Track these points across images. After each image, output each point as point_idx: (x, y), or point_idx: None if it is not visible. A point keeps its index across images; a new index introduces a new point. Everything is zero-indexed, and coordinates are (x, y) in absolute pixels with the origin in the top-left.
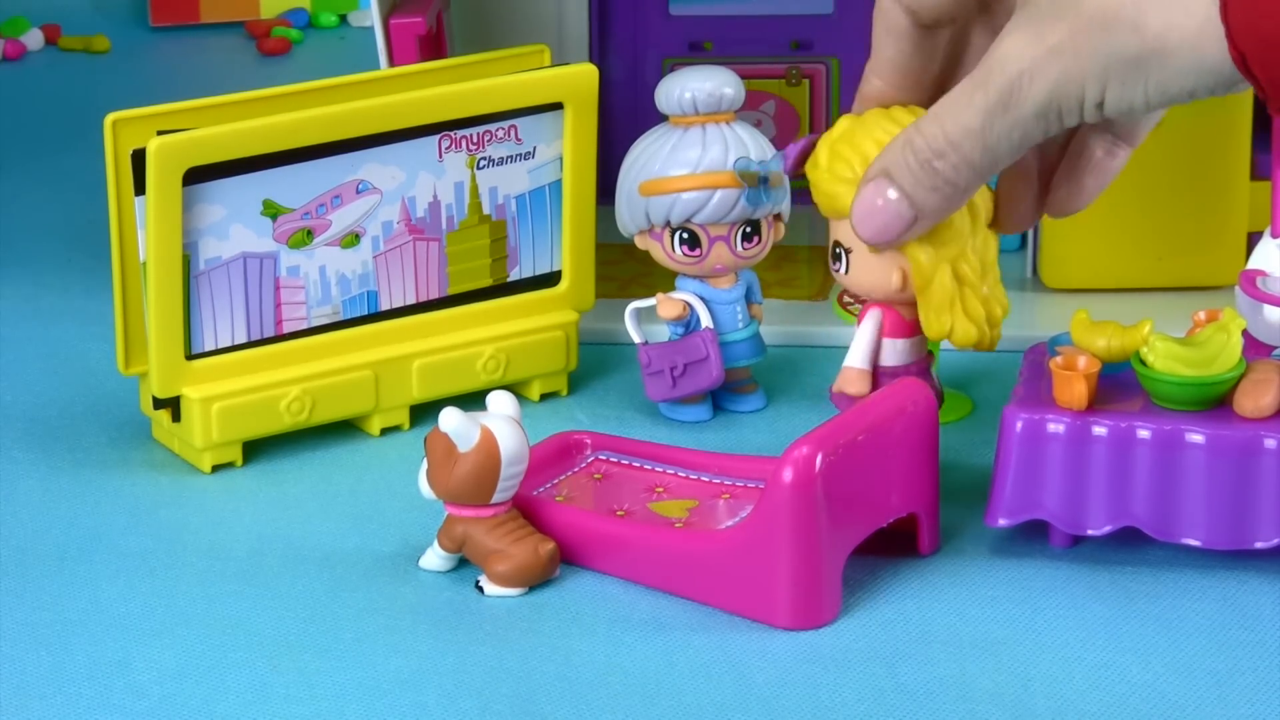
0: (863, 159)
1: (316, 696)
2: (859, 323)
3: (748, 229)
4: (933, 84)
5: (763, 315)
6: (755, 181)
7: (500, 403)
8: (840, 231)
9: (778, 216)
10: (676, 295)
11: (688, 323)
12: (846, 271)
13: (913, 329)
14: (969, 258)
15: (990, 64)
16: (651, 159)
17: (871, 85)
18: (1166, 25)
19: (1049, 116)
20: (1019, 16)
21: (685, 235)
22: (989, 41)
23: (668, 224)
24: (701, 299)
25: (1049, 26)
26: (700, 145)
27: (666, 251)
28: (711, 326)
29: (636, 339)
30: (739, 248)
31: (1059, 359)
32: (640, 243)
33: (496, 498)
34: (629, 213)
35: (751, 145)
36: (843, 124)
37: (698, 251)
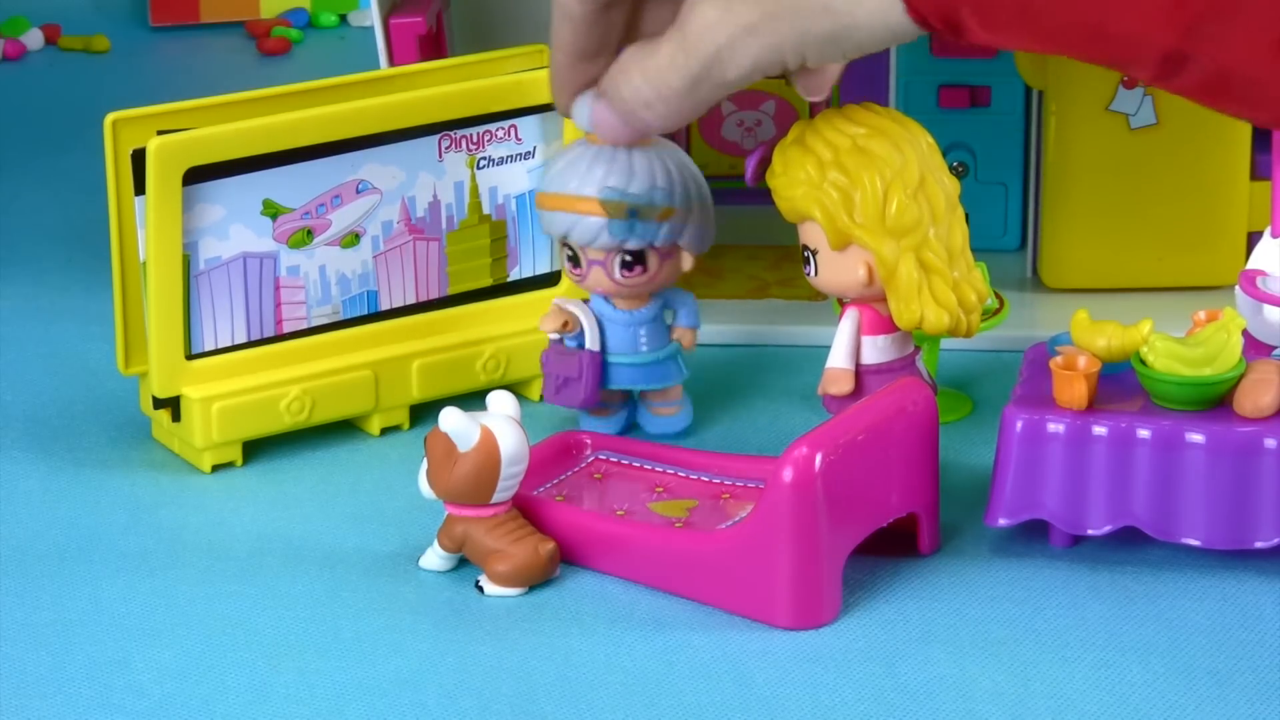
0: (816, 162)
1: (316, 696)
2: (838, 323)
3: (628, 257)
4: (613, 53)
5: (692, 340)
6: (622, 213)
7: (500, 403)
8: (806, 235)
9: (677, 249)
10: (570, 306)
11: (578, 337)
12: (815, 273)
13: (892, 325)
14: (932, 245)
15: (690, 34)
16: (548, 171)
17: (555, 59)
18: (854, 3)
19: (753, 77)
20: None
21: (569, 252)
22: (667, 10)
23: (550, 236)
24: (598, 317)
25: (739, 4)
26: (586, 165)
27: (563, 264)
28: (595, 348)
29: (551, 335)
30: (617, 274)
31: (1059, 359)
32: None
33: (496, 498)
34: (540, 220)
35: (639, 175)
36: (795, 130)
37: (578, 271)
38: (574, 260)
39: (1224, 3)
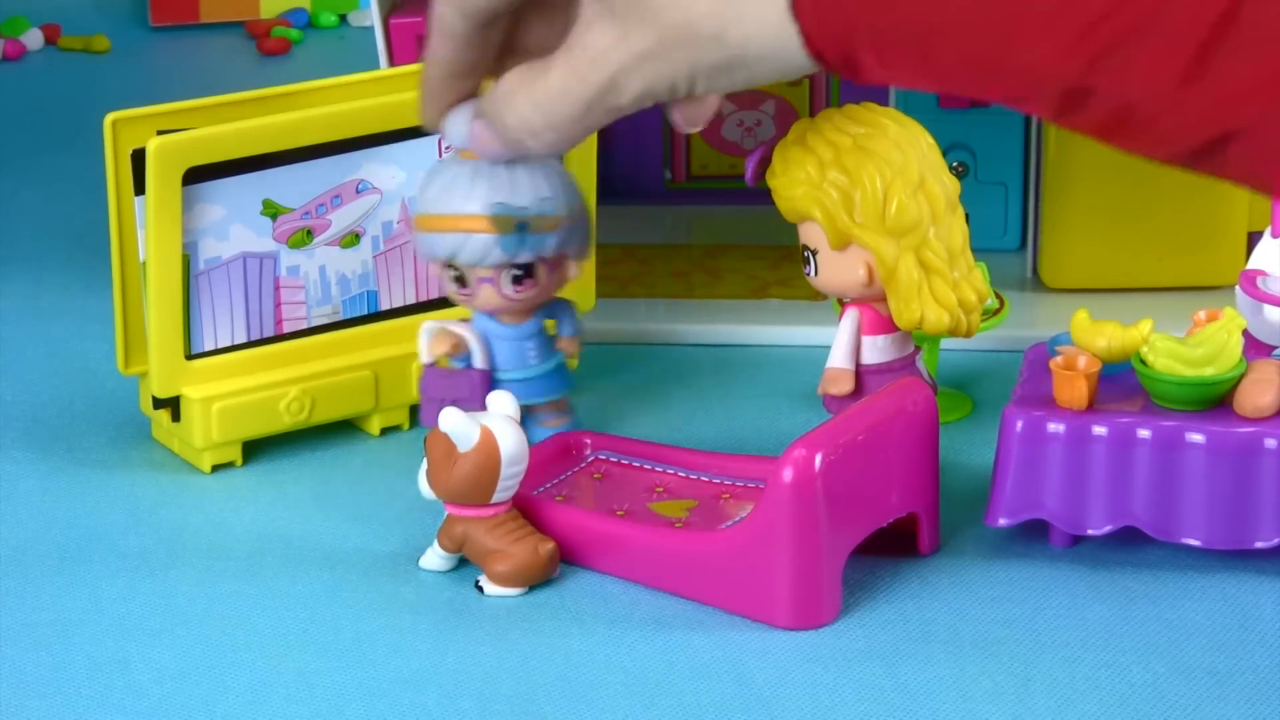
0: (816, 161)
1: (316, 696)
2: (839, 323)
3: (518, 272)
4: (489, 69)
5: (576, 349)
6: (511, 228)
7: (500, 403)
8: (806, 235)
9: (564, 258)
10: (454, 328)
11: (466, 356)
12: (815, 273)
13: (892, 325)
14: (932, 244)
15: (583, 60)
16: (426, 191)
17: (428, 75)
18: (746, 37)
19: (643, 103)
20: (597, 6)
21: (454, 273)
22: (545, 27)
23: (436, 259)
24: (485, 335)
25: (634, 31)
26: (468, 183)
27: (444, 284)
28: (484, 367)
29: (424, 358)
30: (508, 290)
31: (1059, 359)
32: (433, 271)
33: (496, 498)
34: (416, 243)
35: (523, 187)
36: (795, 130)
37: (466, 291)
38: (460, 281)
39: (1130, 32)
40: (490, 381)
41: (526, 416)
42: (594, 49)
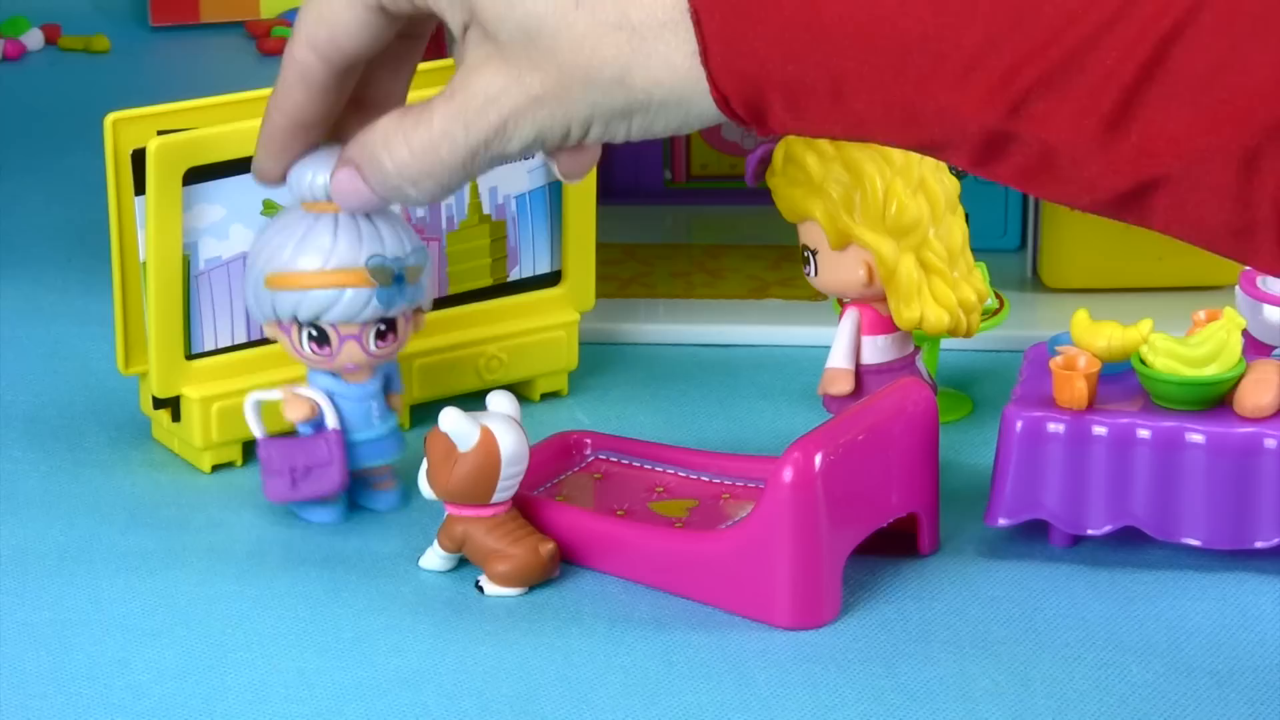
0: (818, 157)
1: (316, 696)
2: (839, 323)
3: (382, 326)
4: (338, 115)
5: (401, 405)
6: (389, 280)
7: (500, 403)
8: (806, 234)
9: (418, 310)
10: (303, 392)
11: (316, 421)
12: (815, 273)
13: (892, 325)
14: (932, 244)
15: (468, 103)
16: (279, 248)
17: (274, 123)
18: (652, 81)
19: (532, 148)
20: (486, 49)
21: (314, 332)
22: (392, 78)
23: (295, 319)
24: (330, 395)
25: (528, 73)
26: (331, 236)
27: (294, 347)
28: (338, 427)
29: (256, 433)
30: (372, 346)
31: (1059, 359)
32: (268, 331)
33: (496, 498)
34: (255, 302)
35: (389, 237)
36: None
37: (327, 350)
38: (320, 340)
39: (1053, 76)
40: (345, 442)
41: (358, 481)
42: (484, 93)
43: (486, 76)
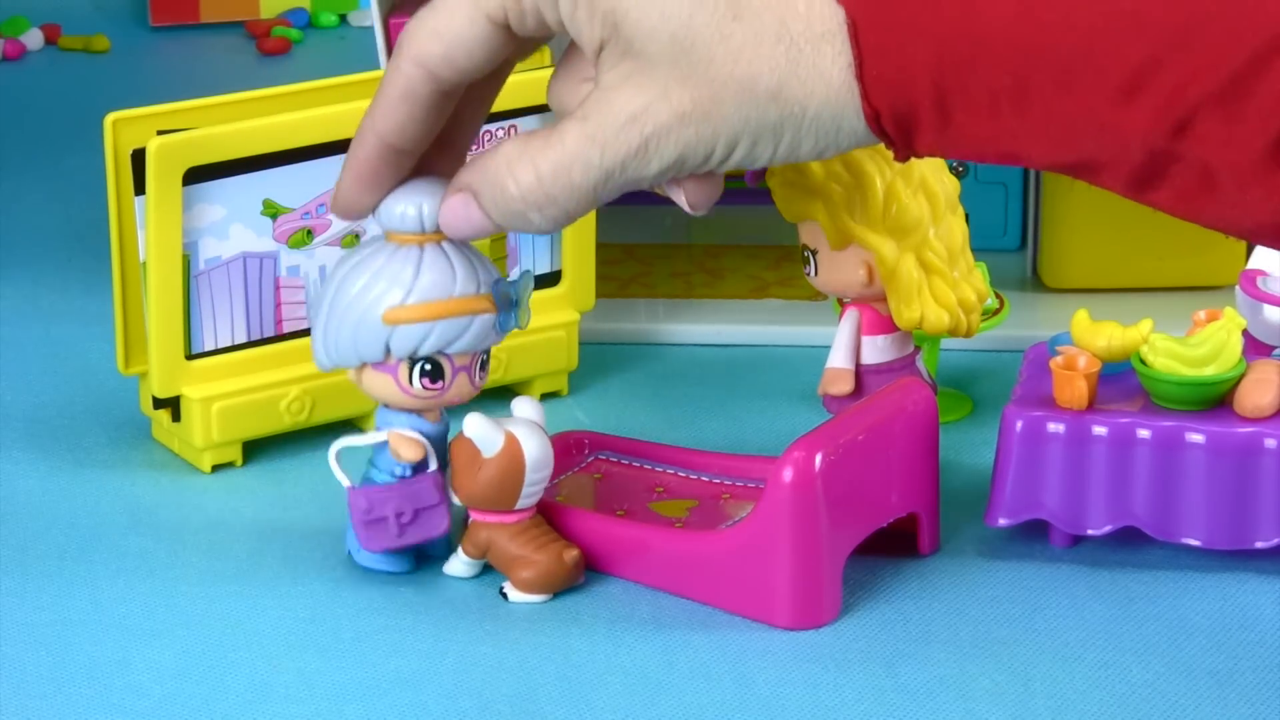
0: (817, 160)
1: (316, 696)
2: (839, 323)
3: (485, 357)
4: (439, 137)
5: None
6: (510, 305)
7: (524, 408)
8: (806, 234)
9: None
10: (408, 433)
11: (422, 463)
12: (815, 273)
13: (892, 325)
14: (933, 244)
15: (608, 123)
16: (393, 282)
17: (369, 147)
18: (806, 94)
19: (670, 171)
20: (626, 67)
21: (428, 366)
22: (478, 103)
23: (412, 355)
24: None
25: (676, 89)
26: (448, 265)
27: (402, 386)
28: (438, 467)
29: (345, 481)
30: (477, 377)
31: (1059, 359)
32: (353, 377)
33: (521, 504)
34: (354, 344)
35: (478, 262)
36: None
37: (440, 384)
38: (434, 374)
39: (1222, 96)
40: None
41: None
42: (625, 111)
43: (627, 94)
